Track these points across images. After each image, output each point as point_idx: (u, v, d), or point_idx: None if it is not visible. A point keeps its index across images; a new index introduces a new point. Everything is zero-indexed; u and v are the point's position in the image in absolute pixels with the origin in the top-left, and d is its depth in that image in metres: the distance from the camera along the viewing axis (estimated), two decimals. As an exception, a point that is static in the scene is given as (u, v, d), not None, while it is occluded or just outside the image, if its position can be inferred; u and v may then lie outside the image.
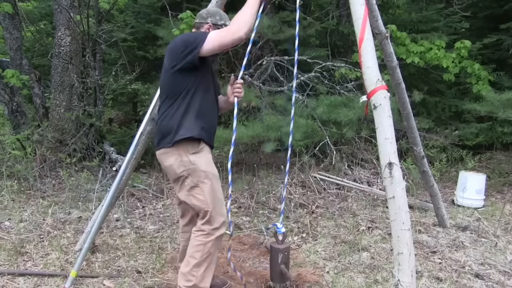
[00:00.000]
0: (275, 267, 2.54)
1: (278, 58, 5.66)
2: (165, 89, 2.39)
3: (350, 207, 4.45)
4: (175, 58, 2.30)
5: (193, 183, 2.31)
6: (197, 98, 2.34)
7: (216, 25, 2.49)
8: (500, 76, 6.56)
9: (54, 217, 3.91)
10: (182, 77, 2.31)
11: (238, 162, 5.75)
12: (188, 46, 2.25)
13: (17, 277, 2.84)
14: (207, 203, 2.30)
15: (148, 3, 7.15)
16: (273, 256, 2.55)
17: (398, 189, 2.10)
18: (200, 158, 2.32)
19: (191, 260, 2.30)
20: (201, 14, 2.54)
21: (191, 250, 2.31)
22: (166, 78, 2.37)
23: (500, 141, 6.41)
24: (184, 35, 2.44)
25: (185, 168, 2.30)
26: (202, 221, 2.32)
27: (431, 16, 6.72)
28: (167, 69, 2.36)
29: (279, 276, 2.54)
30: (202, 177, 2.30)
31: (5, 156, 4.94)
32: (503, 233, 3.89)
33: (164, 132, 2.34)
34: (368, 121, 5.38)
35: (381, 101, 2.22)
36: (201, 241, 2.29)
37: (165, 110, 2.36)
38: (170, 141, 2.30)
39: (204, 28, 2.47)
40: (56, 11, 5.83)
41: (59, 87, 5.75)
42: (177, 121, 2.30)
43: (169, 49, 2.38)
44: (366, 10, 2.35)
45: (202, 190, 2.30)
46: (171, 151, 2.31)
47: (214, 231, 2.30)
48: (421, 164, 3.64)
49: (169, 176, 2.44)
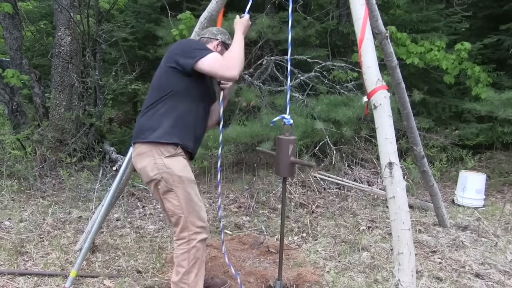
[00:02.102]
0: (286, 159, 2.44)
1: (278, 58, 5.67)
2: (155, 84, 2.34)
3: (350, 207, 4.45)
4: (171, 56, 2.27)
5: (167, 187, 2.23)
6: (184, 104, 2.27)
7: (225, 43, 2.48)
8: (500, 76, 6.56)
9: (54, 216, 3.91)
10: (174, 77, 2.26)
11: (238, 162, 5.75)
12: (188, 51, 2.22)
13: (17, 276, 2.84)
14: (181, 208, 2.23)
15: (148, 3, 7.15)
16: (283, 148, 2.45)
17: (398, 189, 2.10)
18: (175, 162, 2.24)
19: (180, 269, 2.25)
20: (211, 30, 2.52)
21: (178, 260, 2.26)
22: (159, 73, 2.33)
23: (500, 140, 6.41)
24: (191, 39, 2.41)
25: (158, 171, 2.21)
26: (178, 227, 2.25)
27: (431, 16, 6.72)
28: (162, 64, 2.33)
29: (288, 168, 2.46)
30: (177, 181, 2.22)
31: (5, 156, 4.93)
32: (503, 232, 3.89)
33: (142, 128, 2.27)
34: (368, 121, 5.38)
35: (381, 101, 2.22)
36: (184, 249, 2.24)
37: (149, 105, 2.29)
38: (144, 137, 2.23)
39: (213, 44, 2.45)
40: (56, 11, 5.83)
41: (59, 86, 5.75)
42: (157, 121, 2.23)
43: (171, 46, 2.35)
44: (366, 10, 2.35)
45: (177, 195, 2.23)
46: (145, 152, 2.23)
47: (194, 235, 2.24)
48: (421, 163, 3.64)
49: (143, 178, 2.36)
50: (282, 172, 2.49)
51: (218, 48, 2.46)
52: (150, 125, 2.24)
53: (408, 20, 6.74)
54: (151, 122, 2.24)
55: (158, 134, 2.20)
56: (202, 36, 2.53)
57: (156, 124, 2.23)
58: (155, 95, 2.29)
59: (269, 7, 6.06)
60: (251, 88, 5.38)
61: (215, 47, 2.45)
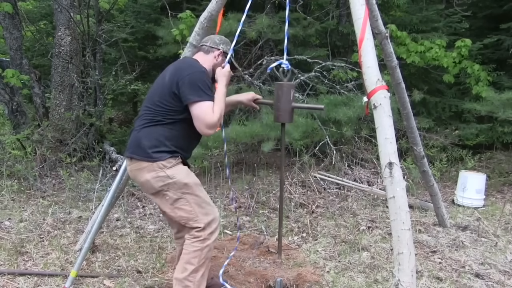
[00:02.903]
0: (287, 105, 2.46)
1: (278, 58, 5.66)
2: (156, 98, 2.28)
3: (350, 207, 4.45)
4: (178, 82, 2.21)
5: (176, 196, 2.24)
6: (186, 125, 2.26)
7: (225, 54, 2.46)
8: (500, 76, 6.56)
9: (54, 216, 3.91)
10: (177, 101, 2.23)
11: (238, 162, 5.75)
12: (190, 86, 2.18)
13: (17, 276, 2.84)
14: (195, 212, 2.25)
15: (148, 3, 7.15)
16: (284, 93, 2.45)
17: (398, 189, 2.10)
18: (177, 170, 2.24)
19: (188, 266, 2.25)
20: (214, 39, 2.46)
21: (188, 256, 2.25)
22: (162, 90, 2.28)
23: (500, 140, 6.41)
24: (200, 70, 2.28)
25: (163, 183, 2.21)
26: (196, 229, 2.26)
27: (431, 16, 6.72)
28: (167, 83, 2.27)
29: (289, 114, 2.48)
30: (184, 188, 2.23)
31: (5, 156, 4.94)
32: (503, 232, 3.89)
33: (142, 145, 2.24)
34: (368, 121, 5.38)
35: (381, 101, 2.21)
36: (198, 247, 2.25)
37: (149, 120, 2.26)
38: (145, 155, 2.22)
39: (214, 53, 2.42)
40: (56, 11, 5.83)
41: (59, 86, 5.75)
42: (158, 138, 2.22)
43: (178, 69, 2.29)
44: (366, 10, 2.35)
45: (187, 201, 2.24)
46: (146, 166, 2.22)
47: (210, 235, 2.27)
48: (421, 163, 3.64)
49: (146, 190, 2.34)
50: (283, 118, 2.51)
51: (218, 58, 2.43)
52: (150, 144, 2.22)
53: (408, 20, 6.74)
54: (152, 142, 2.22)
55: (160, 154, 2.21)
56: (204, 44, 2.47)
57: (156, 144, 2.22)
58: (157, 112, 2.25)
59: (269, 7, 6.06)
60: (251, 88, 5.37)
61: (215, 57, 2.43)
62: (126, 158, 2.38)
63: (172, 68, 2.35)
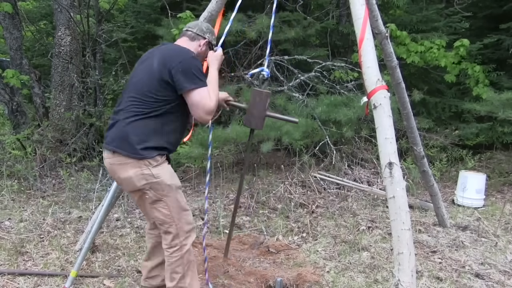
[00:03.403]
0: (262, 112, 2.47)
1: (278, 58, 5.67)
2: (146, 90, 2.15)
3: (350, 207, 4.45)
4: (169, 69, 2.12)
5: (156, 197, 2.17)
6: (175, 116, 2.20)
7: (211, 44, 2.40)
8: (500, 76, 6.56)
9: (54, 216, 3.91)
10: (167, 90, 2.14)
11: (238, 162, 5.75)
12: (189, 75, 2.11)
13: (17, 276, 2.84)
14: (171, 217, 2.19)
15: (148, 3, 7.15)
16: (262, 100, 2.46)
17: (398, 189, 2.10)
18: (162, 170, 2.17)
19: (175, 275, 2.23)
20: (201, 27, 2.37)
21: (172, 267, 2.23)
22: (150, 80, 2.15)
23: (500, 140, 6.41)
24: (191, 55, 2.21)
25: (146, 182, 2.13)
26: (170, 236, 2.21)
27: (431, 16, 6.72)
28: (155, 71, 2.15)
29: (261, 121, 2.49)
30: (166, 190, 2.17)
31: (5, 156, 4.94)
32: (503, 232, 3.89)
33: (128, 139, 2.11)
34: (368, 121, 5.38)
35: (381, 101, 2.22)
36: (177, 256, 2.22)
37: (138, 113, 2.13)
38: (132, 151, 2.10)
39: (200, 42, 2.34)
40: (56, 11, 5.83)
41: (59, 86, 5.75)
42: (147, 136, 2.12)
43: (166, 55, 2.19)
44: (366, 10, 2.35)
45: (167, 204, 2.18)
46: (131, 162, 2.11)
47: (185, 240, 2.24)
48: (421, 163, 3.64)
49: (125, 187, 2.24)
50: (255, 124, 2.52)
51: (203, 47, 2.35)
52: (140, 137, 2.11)
53: (407, 20, 6.74)
54: (141, 134, 2.12)
55: (148, 151, 2.12)
56: (190, 29, 2.36)
57: (146, 138, 2.12)
58: (147, 103, 2.13)
59: (269, 7, 6.06)
60: (251, 88, 5.37)
61: (200, 46, 2.34)
62: (106, 150, 2.21)
63: (159, 55, 2.21)
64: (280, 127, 4.70)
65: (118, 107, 2.23)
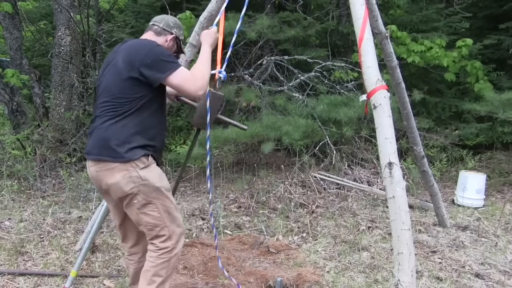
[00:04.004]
0: (213, 115, 2.41)
1: (278, 58, 5.67)
2: (114, 89, 2.07)
3: (350, 207, 4.45)
4: (135, 65, 2.03)
5: (145, 200, 2.08)
6: (152, 110, 2.12)
7: (178, 39, 2.31)
8: (500, 77, 6.56)
9: (54, 216, 3.91)
10: (139, 86, 2.05)
11: (238, 162, 5.75)
12: (157, 64, 2.03)
13: (17, 276, 2.84)
14: (162, 219, 2.11)
15: (148, 3, 7.15)
16: (215, 102, 2.39)
17: (398, 189, 2.10)
18: (151, 172, 2.09)
19: (156, 278, 2.12)
20: (168, 21, 2.29)
21: (155, 269, 2.12)
22: (118, 80, 2.06)
23: (500, 140, 6.41)
24: (152, 45, 2.13)
25: (135, 185, 2.04)
26: (161, 238, 2.13)
27: (431, 16, 6.72)
28: (121, 69, 2.06)
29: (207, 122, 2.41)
30: (155, 193, 2.09)
31: (5, 156, 4.94)
32: (503, 232, 3.89)
33: (111, 143, 2.03)
34: (368, 121, 5.38)
35: (381, 101, 2.21)
36: (165, 258, 2.13)
37: (113, 116, 2.05)
38: (116, 156, 2.02)
39: (166, 37, 2.26)
40: (56, 11, 5.84)
41: (59, 86, 5.76)
42: (128, 136, 2.04)
43: (129, 51, 2.10)
44: (366, 10, 2.35)
45: (157, 207, 2.10)
46: (117, 166, 2.03)
47: (177, 243, 2.16)
48: (421, 163, 3.64)
49: (113, 193, 2.11)
50: (202, 125, 2.44)
51: (170, 43, 2.27)
52: (121, 140, 2.03)
53: (408, 20, 6.74)
54: (121, 137, 2.04)
55: (132, 152, 2.04)
56: (156, 24, 2.28)
57: (127, 139, 2.04)
58: (120, 104, 2.05)
59: (269, 7, 6.07)
60: (251, 88, 5.38)
61: (167, 41, 2.26)
62: (89, 160, 2.13)
63: (123, 53, 2.11)
64: (280, 127, 4.71)
65: (94, 115, 2.16)
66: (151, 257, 2.15)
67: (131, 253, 2.38)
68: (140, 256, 2.35)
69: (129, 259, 2.39)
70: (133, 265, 2.37)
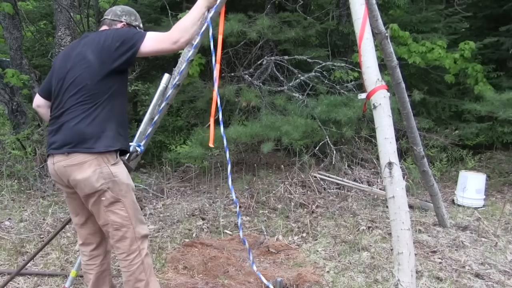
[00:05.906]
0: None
1: (278, 58, 5.67)
2: (87, 86, 2.03)
3: (350, 207, 4.45)
4: (108, 55, 2.03)
5: (114, 198, 2.03)
6: (119, 103, 2.12)
7: (130, 25, 2.27)
8: (500, 77, 6.56)
9: (54, 216, 3.91)
10: (111, 78, 2.05)
11: (238, 162, 5.75)
12: (126, 43, 2.03)
13: (17, 276, 2.83)
14: (129, 219, 2.07)
15: (148, 3, 7.15)
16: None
17: (398, 189, 2.10)
18: (120, 169, 2.07)
19: (140, 283, 2.11)
20: (115, 11, 2.27)
21: (134, 276, 2.10)
22: (89, 74, 2.03)
23: (500, 140, 6.42)
24: (113, 30, 2.15)
25: (105, 181, 2.00)
26: (127, 241, 2.08)
27: (431, 17, 6.72)
28: (95, 67, 2.03)
29: None
30: (124, 190, 2.06)
31: (5, 156, 4.94)
32: (503, 232, 3.89)
33: (82, 136, 1.99)
34: (368, 121, 5.38)
35: (381, 101, 2.21)
36: (138, 262, 2.10)
37: (84, 110, 2.01)
38: (91, 146, 1.99)
39: (117, 26, 2.24)
40: (56, 11, 5.83)
41: (59, 87, 5.74)
42: (100, 127, 2.02)
43: (96, 43, 2.07)
44: (366, 10, 2.35)
45: (124, 205, 2.06)
46: (88, 160, 1.98)
47: (143, 244, 2.14)
48: (421, 163, 3.64)
49: (81, 190, 2.03)
50: None
51: None
52: (93, 132, 2.00)
53: (407, 21, 6.75)
54: (93, 129, 2.00)
55: (105, 142, 2.01)
56: (105, 17, 2.27)
57: (99, 131, 2.01)
58: (91, 96, 2.02)
59: (269, 7, 6.07)
60: (251, 88, 5.38)
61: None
62: (57, 154, 2.05)
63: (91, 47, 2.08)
64: (280, 127, 4.71)
65: (59, 111, 2.08)
66: (124, 267, 2.12)
67: (92, 257, 2.27)
68: (102, 259, 2.28)
69: (90, 264, 2.28)
70: (94, 270, 2.27)
